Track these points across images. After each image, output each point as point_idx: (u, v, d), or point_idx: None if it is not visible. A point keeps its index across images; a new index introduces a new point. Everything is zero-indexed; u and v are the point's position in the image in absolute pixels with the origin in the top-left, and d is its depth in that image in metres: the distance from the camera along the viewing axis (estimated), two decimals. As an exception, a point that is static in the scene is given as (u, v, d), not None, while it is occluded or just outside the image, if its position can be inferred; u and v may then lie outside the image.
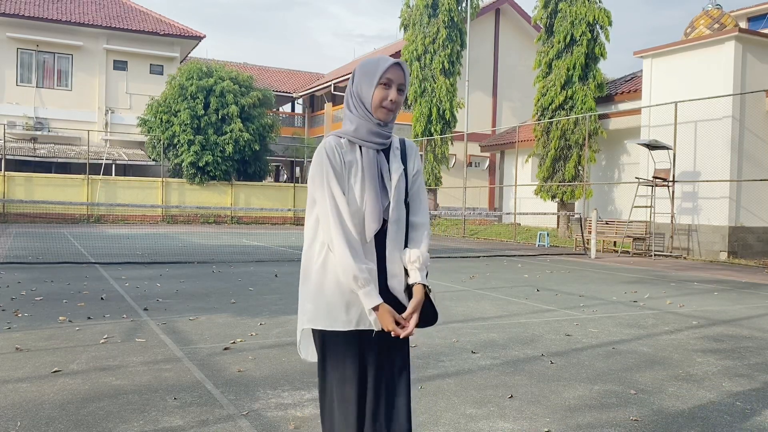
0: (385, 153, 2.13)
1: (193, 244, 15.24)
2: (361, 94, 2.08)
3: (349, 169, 2.05)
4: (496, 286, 8.99)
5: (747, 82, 15.01)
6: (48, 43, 27.35)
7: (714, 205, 15.14)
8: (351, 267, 1.96)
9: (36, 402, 3.54)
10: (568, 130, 18.82)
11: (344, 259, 1.97)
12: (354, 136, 2.07)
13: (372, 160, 2.07)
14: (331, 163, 2.03)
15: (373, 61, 2.10)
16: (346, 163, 2.05)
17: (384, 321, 1.99)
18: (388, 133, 2.12)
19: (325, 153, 2.06)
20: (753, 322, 6.60)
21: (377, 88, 2.05)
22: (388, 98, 2.05)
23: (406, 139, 2.24)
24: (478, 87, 29.55)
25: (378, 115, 2.07)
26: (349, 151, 2.07)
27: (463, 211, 23.12)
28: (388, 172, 2.10)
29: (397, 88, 2.06)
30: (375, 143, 2.08)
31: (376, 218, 2.03)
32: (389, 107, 2.06)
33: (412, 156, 2.20)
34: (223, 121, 26.31)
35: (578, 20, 18.58)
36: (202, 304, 6.83)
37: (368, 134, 2.07)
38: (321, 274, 2.05)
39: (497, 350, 5.03)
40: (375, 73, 2.05)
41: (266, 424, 3.28)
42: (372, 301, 1.97)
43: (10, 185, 23.51)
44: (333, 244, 1.99)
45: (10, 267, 9.77)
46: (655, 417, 3.54)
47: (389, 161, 2.12)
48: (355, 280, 1.96)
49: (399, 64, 2.07)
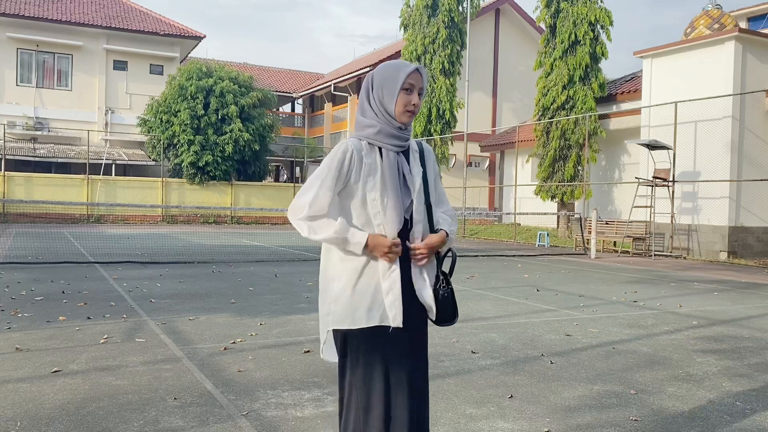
0: (405, 155, 2.20)
1: (193, 244, 15.24)
2: (383, 100, 2.13)
3: (368, 171, 2.10)
4: (496, 286, 8.99)
5: (747, 82, 15.01)
6: (48, 43, 27.35)
7: (714, 205, 15.14)
8: (324, 236, 2.06)
9: (36, 402, 3.54)
10: (568, 130, 18.82)
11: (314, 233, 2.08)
12: (375, 139, 2.14)
13: (393, 161, 2.14)
14: (340, 167, 2.10)
15: (394, 66, 2.16)
16: (364, 165, 2.11)
17: (379, 245, 2.04)
18: (407, 135, 2.19)
19: (341, 154, 2.11)
20: (753, 322, 6.60)
21: (400, 93, 2.12)
22: (412, 102, 2.13)
23: (423, 142, 2.33)
24: (478, 87, 29.55)
25: (402, 120, 2.14)
26: (369, 153, 2.13)
27: (463, 211, 23.13)
28: (410, 173, 2.17)
29: (417, 92, 2.15)
30: (395, 146, 2.15)
31: (399, 215, 2.10)
32: (412, 110, 2.14)
33: (431, 159, 2.29)
34: (222, 121, 26.32)
35: (580, 20, 18.59)
36: (202, 304, 6.83)
37: (389, 137, 2.14)
38: (340, 276, 2.11)
39: (497, 350, 5.03)
40: (397, 80, 2.12)
41: (266, 424, 3.28)
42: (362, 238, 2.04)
43: (10, 185, 23.51)
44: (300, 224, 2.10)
45: (10, 267, 9.77)
46: (655, 417, 3.54)
47: (409, 163, 2.20)
48: (340, 241, 2.05)
49: (418, 69, 2.15)
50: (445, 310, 2.18)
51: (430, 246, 2.13)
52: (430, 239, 2.14)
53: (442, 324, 2.21)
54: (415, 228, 2.15)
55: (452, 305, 2.21)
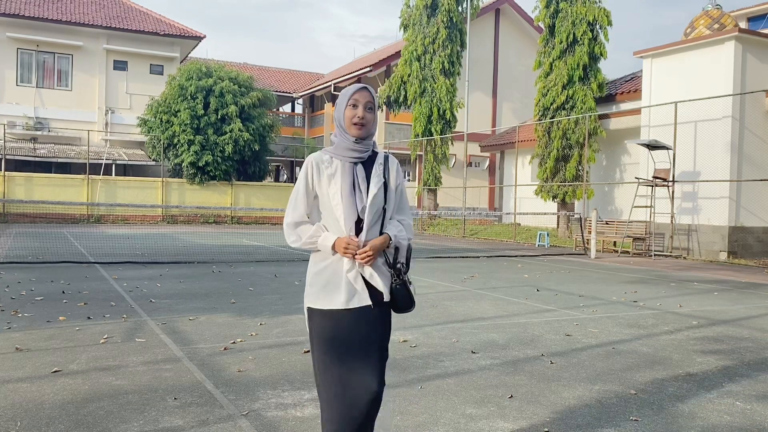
0: (368, 165, 2.54)
1: (193, 244, 15.24)
2: (339, 117, 2.52)
3: (329, 180, 2.49)
4: (496, 286, 8.99)
5: (747, 82, 15.01)
6: (48, 43, 27.35)
7: (714, 205, 15.14)
8: (302, 240, 2.50)
9: (36, 402, 3.54)
10: (569, 130, 18.83)
11: (298, 239, 2.52)
12: (334, 152, 2.53)
13: (348, 170, 2.50)
14: (306, 180, 2.52)
15: (346, 89, 2.55)
16: (327, 176, 2.50)
17: (342, 245, 2.43)
18: (365, 148, 2.52)
19: (304, 170, 2.55)
20: (753, 322, 6.60)
21: (347, 109, 2.49)
22: (357, 115, 2.46)
23: (390, 155, 2.65)
24: (478, 87, 29.55)
25: (351, 132, 2.48)
26: (330, 165, 2.52)
27: (463, 211, 23.13)
28: (365, 180, 2.51)
29: (364, 106, 2.48)
30: (350, 158, 2.50)
31: (351, 216, 2.46)
32: (359, 123, 2.47)
33: (393, 169, 2.60)
34: (222, 121, 26.32)
35: (579, 20, 18.59)
36: (202, 304, 6.83)
37: (345, 150, 2.50)
38: (313, 267, 2.55)
39: (497, 350, 5.03)
40: (345, 98, 2.50)
41: (266, 424, 3.28)
42: (329, 241, 2.45)
43: (10, 185, 23.51)
44: (287, 231, 2.54)
45: (10, 267, 9.76)
46: (655, 417, 3.54)
47: (370, 173, 2.53)
48: (312, 244, 2.49)
49: (365, 88, 2.51)
50: (400, 300, 2.51)
51: (373, 247, 2.43)
52: (374, 241, 2.45)
53: (399, 311, 2.55)
54: (366, 229, 2.46)
55: (408, 296, 2.52)
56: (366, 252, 2.42)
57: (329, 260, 2.49)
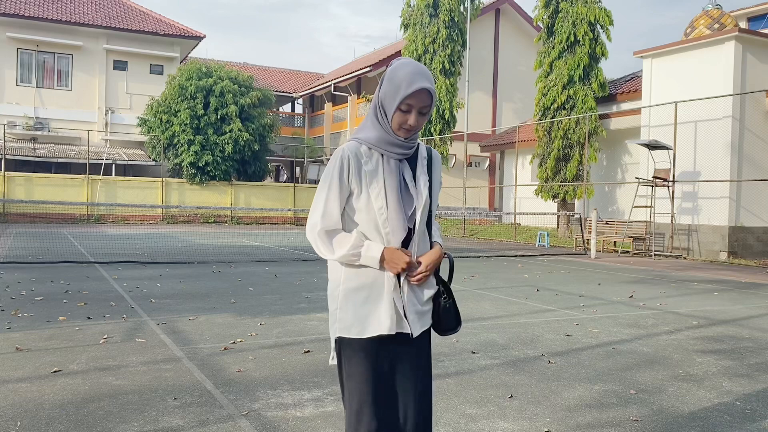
0: (411, 160, 2.12)
1: (193, 244, 15.24)
2: (384, 107, 2.05)
3: (370, 178, 2.03)
4: (496, 286, 8.99)
5: (747, 82, 15.01)
6: (48, 43, 27.35)
7: (714, 205, 15.14)
8: (341, 253, 2.01)
9: (36, 402, 3.54)
10: (570, 130, 18.82)
11: (332, 251, 2.03)
12: (375, 145, 2.05)
13: (394, 169, 2.06)
14: (341, 176, 2.03)
15: (400, 77, 2.01)
16: (365, 173, 2.03)
17: (395, 261, 1.99)
18: (412, 144, 2.10)
19: (340, 161, 2.04)
20: (753, 322, 6.60)
21: (396, 111, 2.01)
22: (407, 122, 2.02)
23: (433, 149, 2.24)
24: (478, 87, 29.54)
25: (399, 134, 2.05)
26: (369, 159, 2.05)
27: (463, 211, 23.13)
28: (413, 180, 2.09)
29: (418, 111, 2.02)
30: (396, 153, 2.06)
31: (401, 225, 2.04)
32: (408, 129, 2.04)
33: (437, 168, 2.20)
34: (222, 121, 26.32)
35: (579, 20, 18.58)
36: (202, 304, 6.83)
37: (389, 145, 2.05)
38: (347, 284, 2.07)
39: (497, 350, 5.03)
40: (396, 95, 2.00)
41: (266, 424, 3.28)
42: (376, 252, 1.99)
43: (10, 185, 23.51)
44: (317, 242, 2.04)
45: (10, 267, 9.76)
46: (655, 417, 3.54)
47: (415, 169, 2.12)
48: (355, 257, 2.01)
49: (424, 88, 2.00)
50: (447, 320, 2.16)
51: (429, 265, 2.06)
52: (429, 257, 2.07)
53: (445, 333, 2.19)
54: (416, 238, 2.08)
55: (455, 315, 2.18)
56: (423, 273, 2.05)
57: (370, 275, 2.03)
